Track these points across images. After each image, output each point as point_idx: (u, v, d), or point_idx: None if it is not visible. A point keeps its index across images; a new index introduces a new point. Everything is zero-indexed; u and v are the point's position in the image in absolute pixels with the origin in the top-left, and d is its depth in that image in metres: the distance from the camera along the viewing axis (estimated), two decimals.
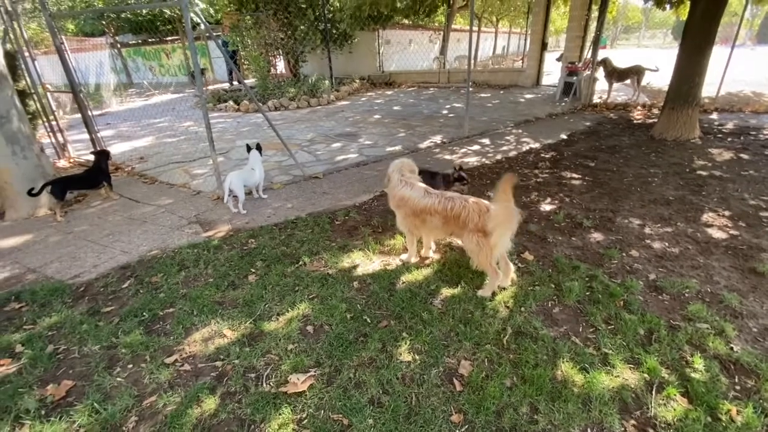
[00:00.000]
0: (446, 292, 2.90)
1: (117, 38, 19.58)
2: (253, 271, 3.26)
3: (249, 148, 4.70)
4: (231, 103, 11.34)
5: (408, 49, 17.50)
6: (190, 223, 4.22)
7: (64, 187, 4.54)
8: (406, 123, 8.81)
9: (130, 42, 20.92)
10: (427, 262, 3.31)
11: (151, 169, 6.06)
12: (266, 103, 11.15)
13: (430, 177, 3.93)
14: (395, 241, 3.64)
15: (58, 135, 6.55)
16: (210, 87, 14.81)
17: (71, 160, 6.62)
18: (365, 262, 3.34)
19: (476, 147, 6.82)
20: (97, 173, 4.84)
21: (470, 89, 7.37)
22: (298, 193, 4.97)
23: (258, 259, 3.41)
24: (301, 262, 3.34)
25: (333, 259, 3.36)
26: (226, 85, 15.44)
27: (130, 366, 2.42)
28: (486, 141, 7.17)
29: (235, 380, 2.26)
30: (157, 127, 9.44)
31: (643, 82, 10.15)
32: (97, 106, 12.23)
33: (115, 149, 7.11)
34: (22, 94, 5.32)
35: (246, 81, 15.80)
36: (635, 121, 8.13)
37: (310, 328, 2.63)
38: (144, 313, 2.78)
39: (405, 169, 3.09)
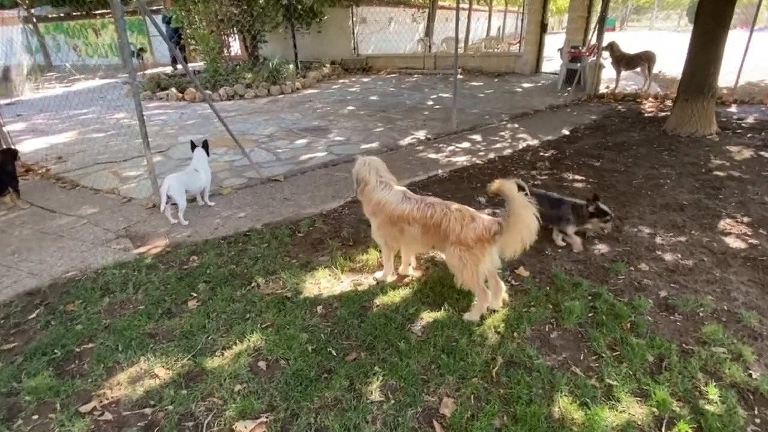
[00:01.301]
0: (427, 316, 2.91)
1: (32, 11, 19.02)
2: (195, 295, 3.20)
3: (193, 146, 4.64)
4: (174, 90, 11.19)
5: (388, 30, 17.73)
6: (119, 238, 4.13)
7: None
8: (385, 116, 8.90)
9: (50, 16, 20.36)
10: (405, 280, 3.33)
11: (72, 171, 5.89)
12: (217, 90, 11.04)
13: (551, 205, 3.56)
14: (368, 256, 3.65)
15: None
16: (148, 71, 14.55)
17: None
18: (332, 282, 3.33)
19: (466, 144, 6.94)
20: (1, 177, 4.66)
21: (459, 76, 7.56)
22: (252, 200, 4.93)
23: (201, 280, 3.36)
24: (253, 284, 3.30)
25: (293, 280, 3.34)
26: (169, 69, 15.21)
27: (35, 417, 2.31)
28: (477, 137, 7.31)
29: (169, 430, 2.19)
30: (81, 119, 9.19)
31: (655, 70, 10.60)
32: (5, 93, 11.81)
33: (27, 146, 6.88)
34: None
35: (193, 64, 15.64)
36: (646, 114, 8.47)
37: (262, 363, 2.58)
38: (55, 350, 2.67)
39: (381, 169, 3.11)
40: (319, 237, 4.04)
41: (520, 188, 3.21)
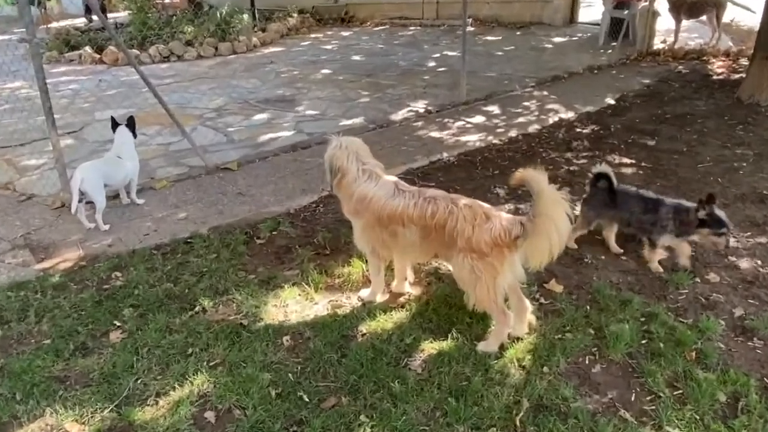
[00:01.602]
0: (429, 347, 2.91)
1: None
2: (118, 324, 3.18)
3: (115, 124, 4.61)
4: (88, 50, 11.09)
5: None
6: (15, 249, 4.07)
7: None
8: (372, 82, 8.91)
9: None
10: (400, 300, 3.32)
11: None
12: (147, 50, 10.96)
13: (645, 207, 3.48)
14: (351, 268, 3.64)
15: None
16: (54, 24, 14.37)
17: None
18: (303, 305, 3.32)
19: (479, 119, 6.97)
20: None
21: (470, 29, 7.56)
22: (195, 196, 4.90)
23: (126, 304, 3.33)
24: (197, 308, 3.28)
25: (250, 302, 3.32)
26: (82, 22, 15.06)
27: None
28: (494, 109, 7.35)
29: None
30: None
31: (726, 18, 10.72)
32: None
33: None
34: None
35: (114, 15, 15.50)
36: (715, 77, 8.58)
37: (210, 414, 2.56)
38: None
39: (363, 153, 3.12)
40: (286, 244, 4.02)
41: (599, 178, 3.14)
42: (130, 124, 4.64)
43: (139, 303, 3.34)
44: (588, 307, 3.21)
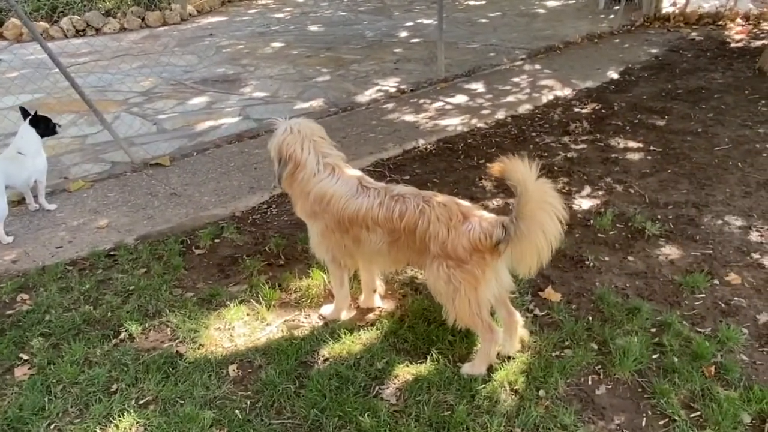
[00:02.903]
0: (404, 372, 2.92)
1: None
2: (26, 358, 3.11)
3: (25, 114, 4.49)
4: None
5: None
6: None
7: None
8: (333, 56, 8.90)
9: None
10: (370, 317, 3.33)
11: None
12: (57, 22, 10.74)
13: None
14: (310, 281, 3.64)
15: None
16: None
17: None
18: (252, 327, 3.30)
19: (461, 98, 7.03)
20: None
21: None
22: (120, 198, 4.87)
23: (35, 333, 3.27)
24: (123, 335, 3.25)
25: (188, 325, 3.29)
26: None
27: None
28: (478, 86, 7.42)
29: None
30: None
31: None
32: None
33: None
34: None
35: None
36: (733, 45, 8.80)
37: None
38: None
39: (320, 139, 3.11)
40: (231, 254, 4.01)
41: None
42: (37, 121, 4.49)
43: (50, 331, 3.28)
44: (590, 318, 3.25)
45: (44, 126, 4.56)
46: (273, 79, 7.86)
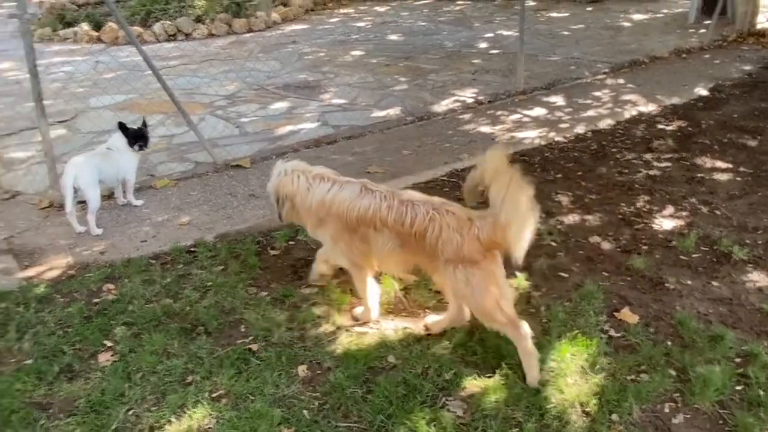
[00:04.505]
0: (472, 385, 2.89)
1: None
2: (109, 345, 3.24)
3: (125, 132, 4.64)
4: (85, 27, 11.44)
5: None
6: None
7: None
8: (411, 66, 8.94)
9: None
10: (430, 325, 3.31)
11: None
12: (151, 27, 11.25)
13: None
14: (382, 286, 3.61)
15: None
16: None
17: None
18: (324, 329, 3.33)
19: (539, 111, 6.93)
20: None
21: (530, 2, 7.49)
22: (201, 197, 5.00)
23: (119, 321, 3.40)
24: (199, 329, 3.33)
25: (262, 323, 3.35)
26: None
27: None
28: (557, 100, 7.30)
29: None
30: None
31: None
32: None
33: None
34: None
35: None
36: None
37: None
38: None
39: (309, 169, 3.39)
40: (304, 257, 4.03)
41: None
42: (128, 130, 4.66)
43: (133, 321, 3.40)
44: (669, 343, 3.13)
45: (134, 138, 4.69)
46: (352, 87, 7.97)
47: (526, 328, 2.91)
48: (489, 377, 2.93)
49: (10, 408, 2.81)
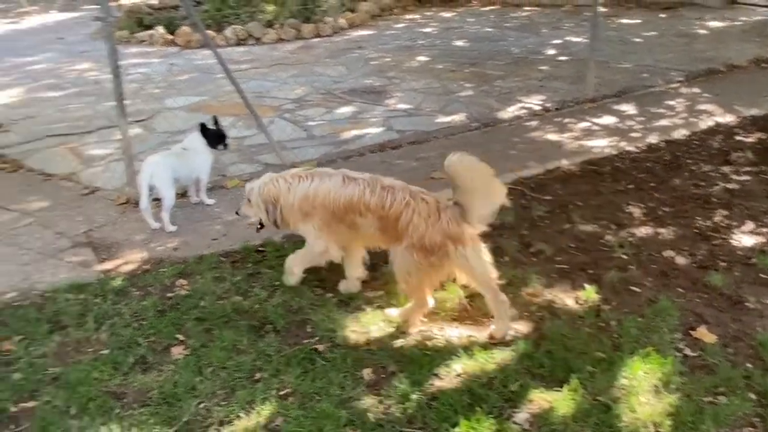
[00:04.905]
0: (539, 398, 2.84)
1: None
2: (181, 338, 3.32)
3: (205, 132, 4.80)
4: (161, 30, 11.82)
5: None
6: (76, 246, 4.37)
7: None
8: (477, 72, 8.87)
9: None
10: (493, 333, 3.26)
11: (15, 146, 6.38)
12: (223, 31, 11.53)
13: None
14: (445, 293, 3.62)
15: None
16: (125, 1, 15.50)
17: None
18: (387, 332, 3.34)
19: (609, 119, 6.76)
20: None
21: (602, 9, 7.34)
22: None
23: (191, 317, 3.48)
24: (267, 327, 3.38)
25: (327, 324, 3.38)
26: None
27: None
28: (628, 108, 7.12)
29: None
30: (30, 70, 9.92)
31: None
32: None
33: None
34: None
35: None
36: None
37: None
38: None
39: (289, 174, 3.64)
40: (369, 260, 3.99)
41: None
42: (208, 131, 4.82)
43: (204, 316, 3.48)
44: (749, 365, 3.01)
45: (215, 138, 4.86)
46: (417, 92, 7.95)
47: (431, 301, 3.37)
48: (557, 391, 2.86)
49: (88, 396, 2.91)
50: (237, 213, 3.98)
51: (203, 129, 4.79)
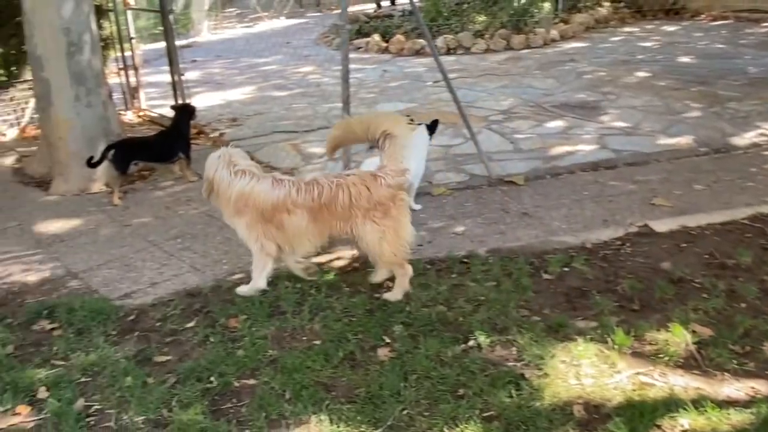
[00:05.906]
0: None
1: None
2: (388, 341, 3.38)
3: (431, 131, 5.09)
4: (376, 38, 12.38)
5: None
6: None
7: (128, 155, 5.58)
8: (706, 91, 8.13)
9: None
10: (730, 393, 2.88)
11: (247, 139, 7.02)
12: (434, 40, 11.76)
13: None
14: (669, 335, 3.31)
15: (131, 74, 8.16)
16: (348, 9, 16.54)
17: (141, 113, 8.15)
18: (601, 369, 3.11)
19: None
20: (174, 139, 5.82)
21: None
22: (474, 209, 5.05)
23: (397, 320, 3.54)
24: (471, 342, 3.33)
25: (533, 349, 3.25)
26: (371, 8, 16.93)
27: None
28: None
29: None
30: (262, 70, 10.95)
31: None
32: (183, 33, 14.90)
33: (200, 102, 8.49)
34: (98, 11, 6.75)
35: (402, 1, 17.07)
36: None
37: None
38: (212, 378, 3.13)
39: (238, 159, 3.76)
40: (579, 286, 3.86)
41: None
42: (432, 126, 5.04)
43: (410, 321, 3.51)
44: None
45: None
46: (635, 110, 7.46)
47: (409, 269, 3.74)
48: None
49: (302, 383, 3.06)
50: None
51: (430, 128, 5.02)
